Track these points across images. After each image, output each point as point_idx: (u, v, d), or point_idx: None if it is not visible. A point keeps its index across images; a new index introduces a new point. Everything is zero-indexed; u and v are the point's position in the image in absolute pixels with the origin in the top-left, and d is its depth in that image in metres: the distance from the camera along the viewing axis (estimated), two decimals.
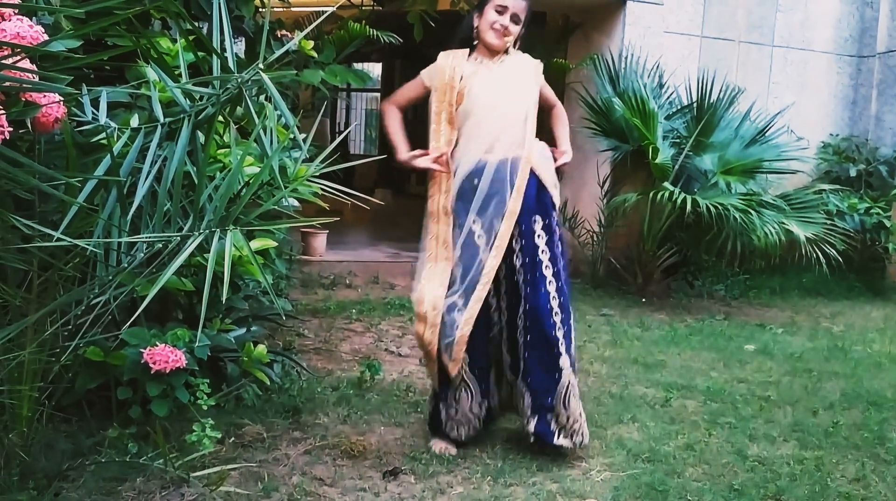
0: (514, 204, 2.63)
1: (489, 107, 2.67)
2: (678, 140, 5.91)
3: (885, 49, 7.09)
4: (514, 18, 2.68)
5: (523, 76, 2.76)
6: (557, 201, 2.77)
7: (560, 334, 2.66)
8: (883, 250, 6.65)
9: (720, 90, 5.84)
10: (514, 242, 2.66)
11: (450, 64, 2.72)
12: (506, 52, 2.75)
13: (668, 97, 6.18)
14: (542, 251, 2.67)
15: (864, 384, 3.86)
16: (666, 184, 5.51)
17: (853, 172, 6.84)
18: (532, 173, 2.69)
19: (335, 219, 1.71)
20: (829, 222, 5.85)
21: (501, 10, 2.67)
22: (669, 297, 6.05)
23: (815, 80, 7.11)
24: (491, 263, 2.63)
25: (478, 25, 2.71)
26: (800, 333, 5.10)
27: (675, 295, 6.10)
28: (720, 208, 5.31)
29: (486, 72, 2.71)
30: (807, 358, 4.36)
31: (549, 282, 2.66)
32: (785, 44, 6.93)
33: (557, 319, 2.66)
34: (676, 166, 5.72)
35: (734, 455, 2.84)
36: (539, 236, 2.68)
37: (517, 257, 2.67)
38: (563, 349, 2.67)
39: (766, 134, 6.10)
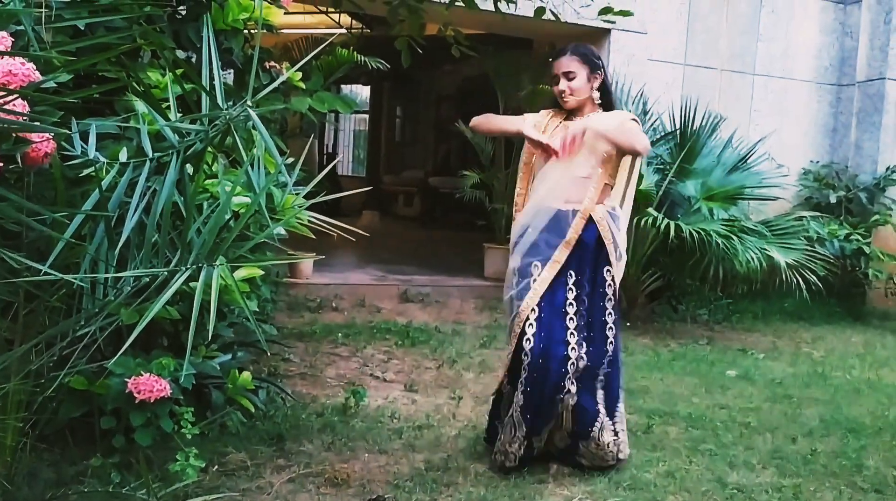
0: (560, 254, 2.79)
1: (557, 163, 2.80)
2: (662, 166, 5.99)
3: (864, 78, 7.23)
4: (568, 76, 2.83)
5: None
6: (614, 261, 2.84)
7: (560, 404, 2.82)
8: (863, 276, 6.74)
9: (703, 117, 5.93)
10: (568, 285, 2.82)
11: (542, 119, 2.95)
12: (592, 107, 2.90)
13: (652, 124, 6.26)
14: (570, 304, 2.79)
15: (843, 410, 3.92)
16: (650, 209, 5.57)
17: (833, 199, 6.95)
18: (594, 227, 2.82)
19: (322, 257, 1.74)
20: (809, 248, 5.93)
21: (556, 80, 2.87)
22: (653, 321, 6.10)
23: (796, 108, 7.24)
24: (536, 289, 2.78)
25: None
26: (781, 358, 5.16)
27: (659, 320, 6.16)
28: (703, 233, 5.37)
29: (562, 129, 2.85)
30: (787, 384, 4.42)
31: (572, 348, 2.77)
32: (766, 72, 7.06)
33: (569, 385, 2.79)
34: (660, 192, 5.80)
35: (714, 482, 2.88)
36: (578, 282, 2.82)
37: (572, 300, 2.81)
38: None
39: (748, 161, 6.20)
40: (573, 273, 2.80)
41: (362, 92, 13.99)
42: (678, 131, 5.98)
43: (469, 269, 6.85)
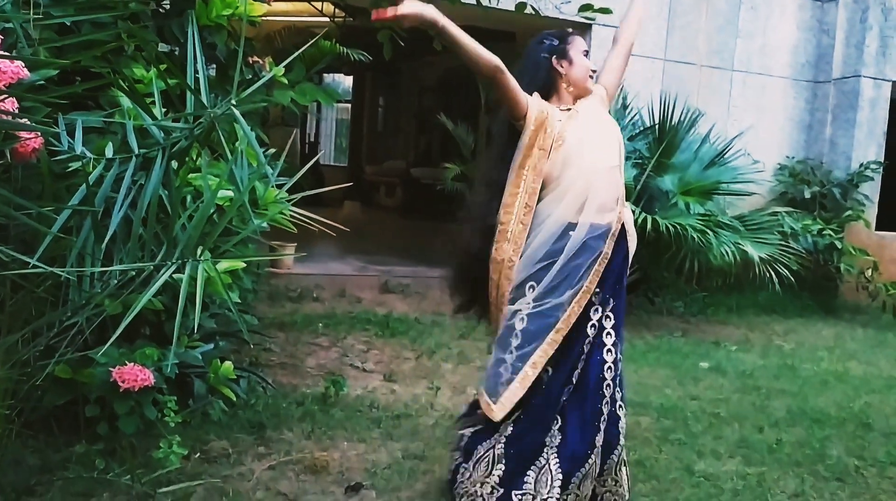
0: (593, 280, 2.30)
1: (587, 159, 2.32)
2: (640, 161, 6.07)
3: (840, 75, 7.37)
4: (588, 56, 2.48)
5: (604, 112, 2.48)
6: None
7: (605, 409, 2.34)
8: (835, 271, 6.90)
9: (681, 113, 6.01)
10: (591, 311, 2.34)
11: (543, 106, 2.35)
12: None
13: (632, 118, 6.34)
14: (607, 318, 2.36)
15: (809, 401, 4.04)
16: (628, 203, 5.65)
17: (807, 194, 7.09)
18: (625, 239, 2.42)
19: (303, 254, 1.80)
20: (783, 242, 6.05)
21: (587, 54, 2.46)
22: (630, 313, 6.19)
23: (773, 104, 7.36)
24: (561, 326, 2.28)
25: (565, 73, 2.41)
26: (753, 350, 5.28)
27: (635, 312, 6.26)
28: (679, 227, 5.47)
29: (581, 117, 2.38)
30: (757, 376, 4.54)
31: (608, 351, 2.35)
32: (744, 69, 7.18)
33: (608, 392, 2.35)
34: (638, 186, 5.89)
35: (682, 470, 2.98)
36: (608, 302, 2.38)
37: (591, 327, 2.34)
38: (602, 424, 2.34)
39: (725, 156, 6.30)
40: (599, 308, 2.34)
41: (345, 81, 13.98)
42: (657, 126, 6.06)
43: (449, 261, 6.90)
